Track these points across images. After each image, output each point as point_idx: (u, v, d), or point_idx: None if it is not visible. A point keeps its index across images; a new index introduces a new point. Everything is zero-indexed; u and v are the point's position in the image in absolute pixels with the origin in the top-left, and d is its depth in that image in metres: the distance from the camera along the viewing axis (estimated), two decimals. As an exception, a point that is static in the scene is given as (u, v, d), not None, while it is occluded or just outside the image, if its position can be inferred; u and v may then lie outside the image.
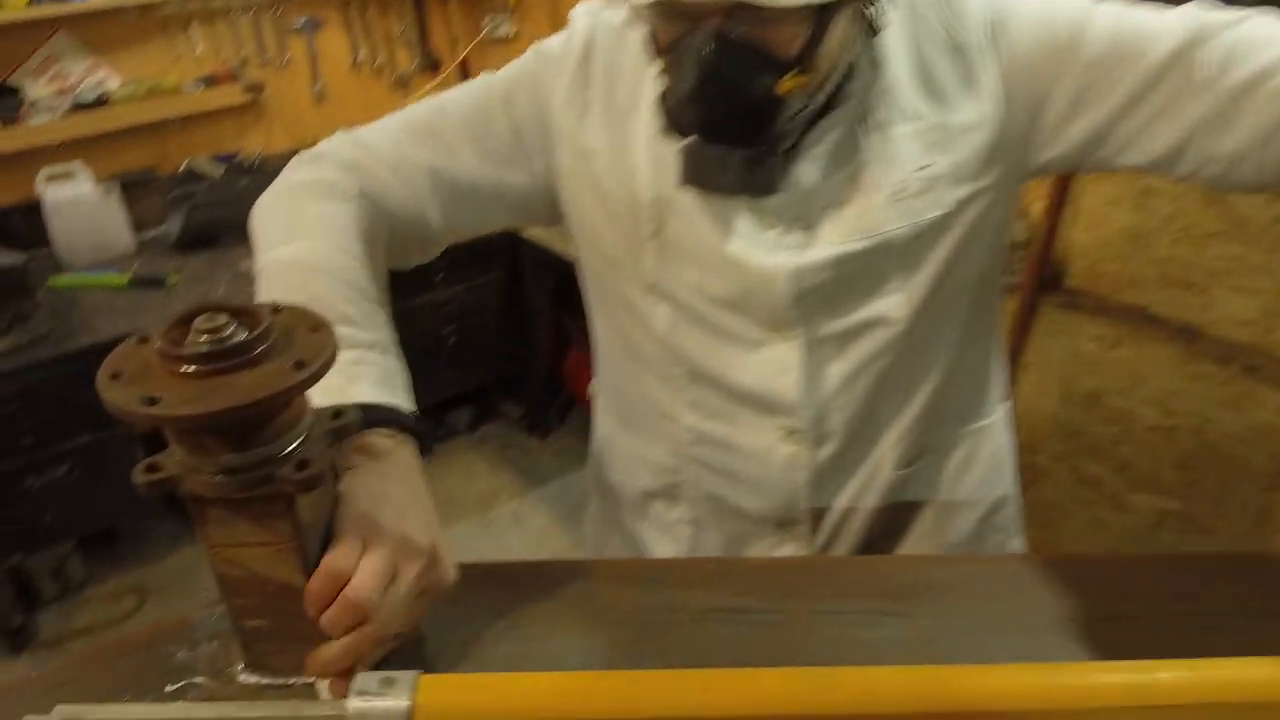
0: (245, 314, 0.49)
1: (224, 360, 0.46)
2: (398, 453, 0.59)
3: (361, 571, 0.51)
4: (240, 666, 0.57)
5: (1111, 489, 1.76)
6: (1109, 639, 0.58)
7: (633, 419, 0.87)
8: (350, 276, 0.67)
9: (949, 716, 0.43)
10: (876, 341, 0.74)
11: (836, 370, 0.76)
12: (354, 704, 0.44)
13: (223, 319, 0.47)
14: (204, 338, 0.46)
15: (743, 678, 0.45)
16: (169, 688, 0.57)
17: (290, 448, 0.50)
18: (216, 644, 0.59)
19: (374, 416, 0.59)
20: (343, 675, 0.51)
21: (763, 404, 0.77)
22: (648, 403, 0.83)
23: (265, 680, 0.56)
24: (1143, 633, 0.59)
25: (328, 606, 0.50)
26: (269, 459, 0.49)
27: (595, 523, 0.97)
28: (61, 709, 0.47)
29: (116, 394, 0.45)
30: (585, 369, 2.17)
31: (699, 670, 0.47)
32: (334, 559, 0.51)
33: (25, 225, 2.05)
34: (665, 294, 0.76)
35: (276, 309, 0.51)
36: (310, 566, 0.53)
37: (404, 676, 0.45)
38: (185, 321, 0.48)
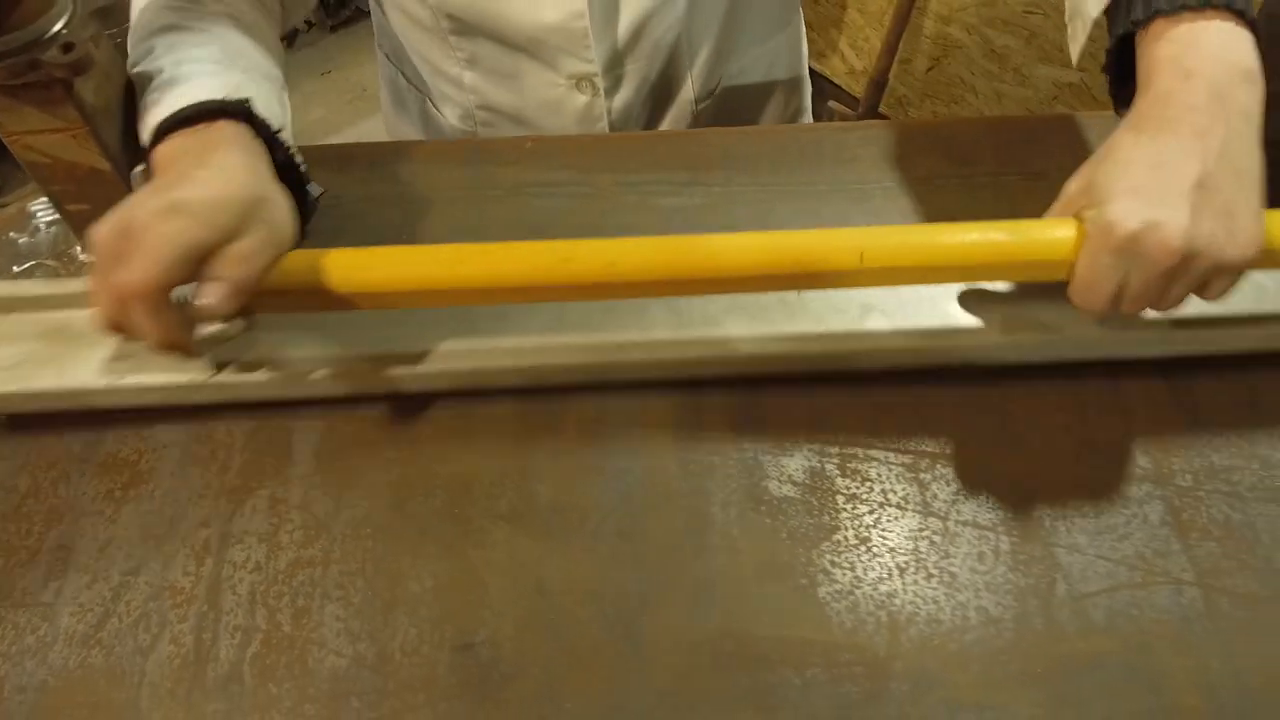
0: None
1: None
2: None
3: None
4: (78, 248, 0.61)
5: (1017, 60, 1.76)
6: (905, 203, 0.64)
7: (418, 81, 0.82)
8: None
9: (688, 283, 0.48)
10: None
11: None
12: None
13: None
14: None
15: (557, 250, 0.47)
16: (16, 269, 0.61)
17: (53, 30, 0.49)
18: (55, 229, 0.63)
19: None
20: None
21: (546, 49, 0.71)
22: (427, 66, 0.78)
23: (103, 259, 0.61)
24: (954, 190, 0.64)
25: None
26: (31, 43, 0.49)
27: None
28: None
29: None
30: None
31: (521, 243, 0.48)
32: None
33: None
34: None
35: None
36: (111, 149, 0.55)
37: None
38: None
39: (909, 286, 0.55)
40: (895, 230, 0.49)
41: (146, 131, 0.51)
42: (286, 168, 0.54)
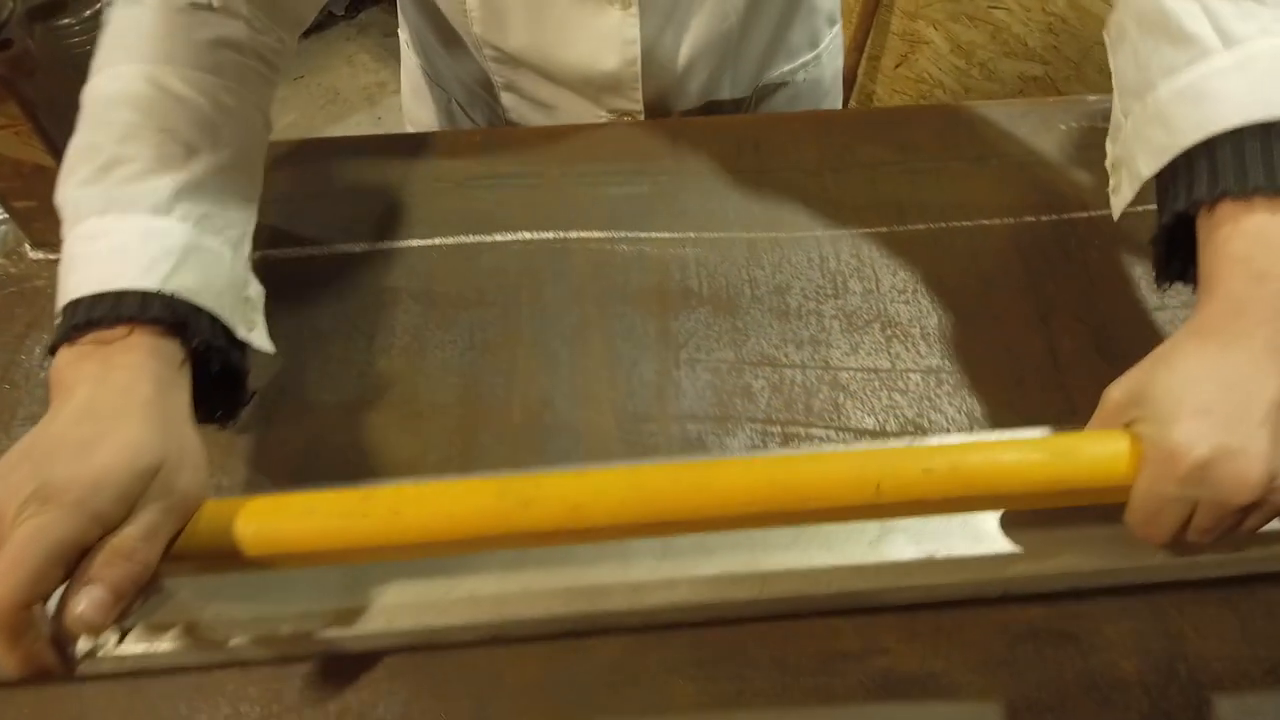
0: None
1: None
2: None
3: None
4: (27, 245, 0.61)
5: (983, 56, 1.78)
6: (853, 189, 0.65)
7: (446, 84, 0.80)
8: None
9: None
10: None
11: (685, 37, 0.67)
12: None
13: None
14: None
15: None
16: (-35, 269, 0.61)
17: (-9, 28, 0.50)
18: (4, 229, 0.63)
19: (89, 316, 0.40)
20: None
21: (592, 89, 0.70)
22: (461, 80, 0.77)
23: (53, 256, 0.61)
24: (898, 176, 0.65)
25: None
26: (-32, 40, 0.49)
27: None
28: None
29: None
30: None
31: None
32: None
33: None
34: None
35: None
36: (57, 145, 0.55)
37: None
38: None
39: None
40: (916, 455, 0.41)
41: (58, 305, 0.42)
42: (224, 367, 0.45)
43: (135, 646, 0.43)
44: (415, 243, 0.61)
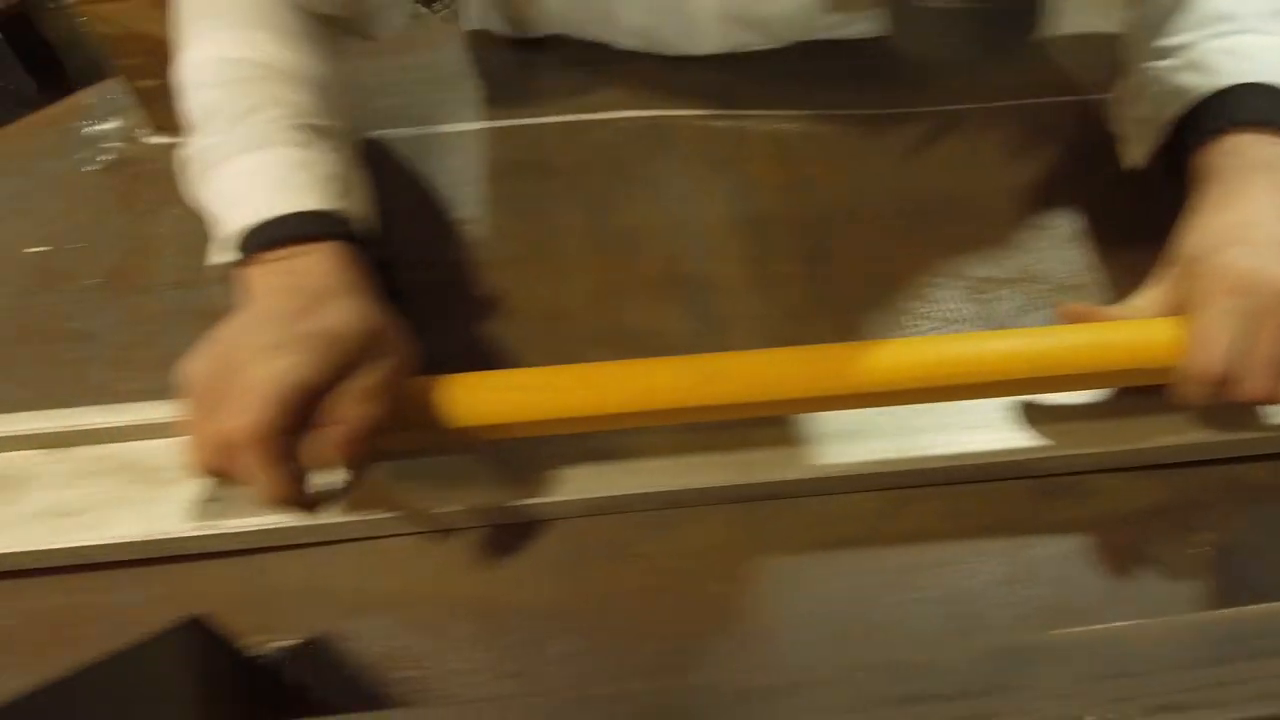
0: None
1: None
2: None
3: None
4: (147, 129, 0.63)
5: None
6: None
7: None
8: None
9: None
10: None
11: None
12: None
13: None
14: None
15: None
16: (78, 155, 0.62)
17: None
18: (121, 118, 0.64)
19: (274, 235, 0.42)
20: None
21: None
22: None
23: (170, 140, 0.62)
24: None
25: None
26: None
27: None
28: None
29: None
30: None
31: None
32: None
33: None
34: None
35: None
36: (182, 22, 0.56)
37: None
38: None
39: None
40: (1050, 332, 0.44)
41: (230, 230, 0.43)
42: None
43: (328, 517, 0.44)
44: (525, 121, 0.63)
